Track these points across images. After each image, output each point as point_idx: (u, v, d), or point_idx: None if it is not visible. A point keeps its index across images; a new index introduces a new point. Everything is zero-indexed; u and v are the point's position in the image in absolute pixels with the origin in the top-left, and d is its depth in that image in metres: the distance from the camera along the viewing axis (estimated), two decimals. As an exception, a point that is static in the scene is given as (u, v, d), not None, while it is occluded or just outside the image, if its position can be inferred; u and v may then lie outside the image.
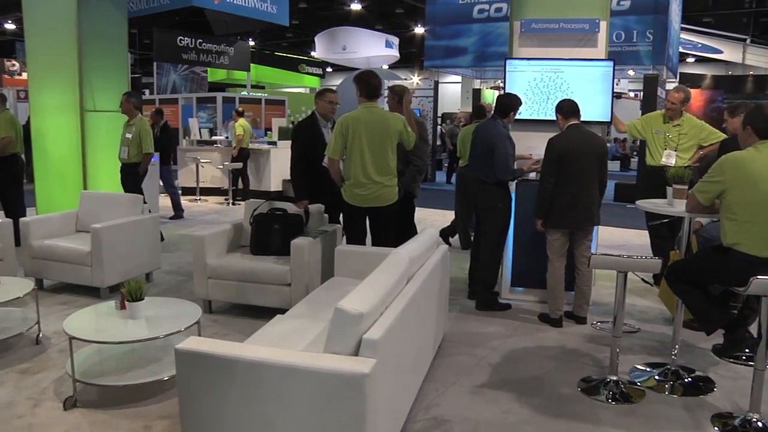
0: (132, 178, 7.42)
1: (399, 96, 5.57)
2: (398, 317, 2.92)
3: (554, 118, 5.18)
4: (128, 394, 3.75)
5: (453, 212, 8.23)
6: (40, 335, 4.67)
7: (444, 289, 4.46)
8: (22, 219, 6.06)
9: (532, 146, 5.62)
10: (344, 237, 5.46)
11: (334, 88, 6.14)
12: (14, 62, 21.16)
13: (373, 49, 21.45)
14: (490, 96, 19.84)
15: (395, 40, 22.22)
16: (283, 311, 4.11)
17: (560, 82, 5.60)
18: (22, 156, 7.28)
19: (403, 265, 3.37)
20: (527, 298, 5.71)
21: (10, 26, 22.55)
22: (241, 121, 12.11)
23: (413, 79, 21.55)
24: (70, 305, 5.46)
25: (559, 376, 4.13)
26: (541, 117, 5.67)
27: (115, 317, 3.90)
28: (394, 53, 22.20)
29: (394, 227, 5.23)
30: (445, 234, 7.87)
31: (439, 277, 4.15)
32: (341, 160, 5.06)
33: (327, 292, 4.27)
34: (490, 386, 3.97)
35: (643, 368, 4.23)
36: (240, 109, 12.94)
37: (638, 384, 3.99)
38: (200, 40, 14.90)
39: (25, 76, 18.07)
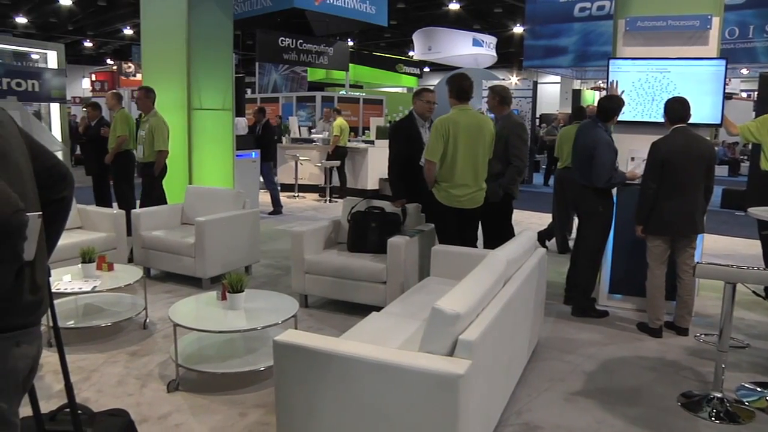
0: (147, 179, 7.03)
1: (500, 96, 5.53)
2: (494, 319, 2.89)
3: (659, 120, 4.98)
4: (226, 382, 3.89)
5: (550, 215, 8.08)
6: (147, 321, 4.93)
7: (540, 293, 4.39)
8: (133, 211, 6.41)
9: (634, 149, 5.44)
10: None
11: (431, 87, 6.14)
12: (130, 64, 22.41)
13: (457, 48, 21.27)
14: (590, 97, 19.32)
15: (486, 39, 21.92)
16: (377, 308, 4.15)
17: (666, 82, 5.37)
18: (134, 151, 7.65)
19: (500, 267, 3.33)
20: (625, 306, 5.53)
21: (128, 32, 23.86)
22: (339, 120, 12.31)
23: (512, 80, 21.25)
24: (174, 294, 5.72)
25: (658, 389, 3.97)
26: (645, 119, 5.47)
27: (216, 307, 4.06)
28: (485, 52, 21.87)
29: (489, 226, 5.20)
30: (542, 237, 7.74)
31: (535, 281, 4.08)
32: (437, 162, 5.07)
33: (422, 292, 4.28)
34: (583, 394, 3.87)
35: (752, 387, 3.97)
36: (337, 107, 13.14)
37: (746, 404, 3.76)
38: (301, 41, 15.21)
39: (139, 77, 19.05)
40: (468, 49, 21.39)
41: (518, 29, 21.85)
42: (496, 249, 3.70)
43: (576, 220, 5.82)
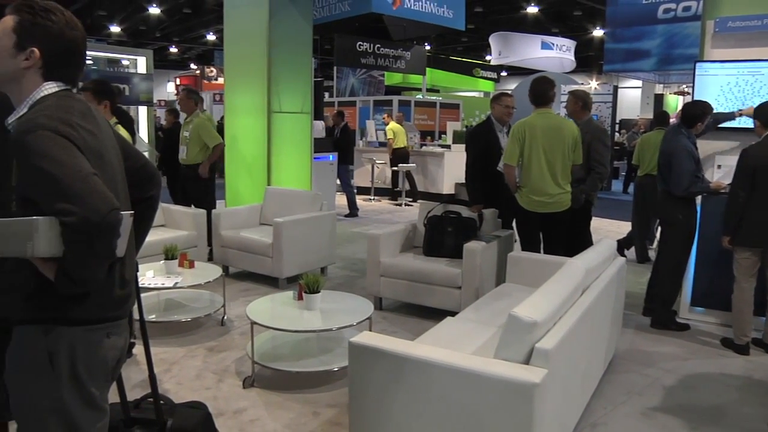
0: (195, 183, 6.97)
1: (583, 101, 5.43)
2: (571, 329, 2.83)
3: (749, 126, 4.77)
4: (300, 380, 3.95)
5: (629, 223, 7.86)
6: (225, 317, 5.06)
7: (618, 303, 4.27)
8: (214, 210, 6.59)
9: (721, 157, 5.22)
10: (516, 243, 5.39)
11: (509, 92, 6.07)
12: (212, 69, 23.11)
13: (526, 52, 20.88)
14: (673, 102, 18.67)
15: (555, 41, 21.41)
16: (451, 313, 4.14)
17: (759, 85, 5.13)
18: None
19: (579, 276, 3.26)
20: (708, 320, 5.31)
21: (211, 37, 24.63)
22: (392, 124, 12.38)
23: (591, 84, 20.76)
24: (251, 292, 5.85)
25: (744, 409, 3.78)
26: (734, 125, 5.24)
27: (293, 307, 4.14)
28: (554, 55, 21.36)
29: (565, 233, 5.09)
30: (621, 245, 7.53)
31: (614, 290, 3.98)
32: (517, 166, 5.02)
33: (498, 298, 4.24)
34: (662, 410, 3.73)
35: None
36: (398, 113, 13.21)
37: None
38: (378, 45, 15.32)
39: (221, 80, 19.62)
40: (537, 52, 20.99)
41: (598, 32, 21.33)
42: (574, 257, 3.63)
43: (659, 230, 5.64)
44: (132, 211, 1.80)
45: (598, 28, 21.09)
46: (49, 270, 1.66)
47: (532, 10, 19.46)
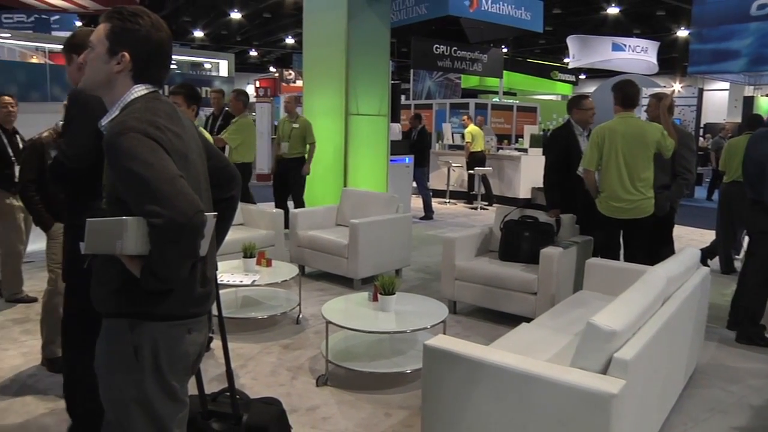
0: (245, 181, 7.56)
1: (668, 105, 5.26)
2: (652, 339, 2.73)
3: None
4: (373, 381, 3.97)
5: (713, 232, 7.55)
6: (300, 316, 5.14)
7: (701, 315, 4.10)
8: (291, 210, 6.72)
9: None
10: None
11: (587, 94, 5.93)
12: (291, 71, 23.54)
13: (597, 54, 20.31)
14: (765, 104, 17.84)
15: (630, 43, 20.66)
16: (526, 319, 4.08)
17: None
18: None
19: (660, 285, 3.15)
20: (802, 336, 5.03)
21: (289, 41, 25.12)
22: (470, 126, 12.27)
23: (674, 87, 20.07)
24: (326, 292, 5.91)
25: (843, 434, 3.57)
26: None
27: (368, 308, 4.16)
28: (627, 56, 20.65)
29: (647, 241, 4.94)
30: (705, 255, 7.24)
31: (697, 302, 3.82)
32: (597, 171, 4.90)
33: (574, 305, 4.15)
34: (748, 431, 3.56)
35: None
36: (468, 115, 13.11)
37: None
38: (455, 48, 15.28)
39: (299, 83, 19.96)
40: (607, 54, 20.40)
41: (682, 33, 20.60)
42: (655, 265, 3.51)
43: (746, 239, 5.39)
44: (215, 213, 1.86)
45: (682, 28, 20.38)
46: (135, 267, 1.72)
47: (613, 11, 18.96)
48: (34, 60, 10.09)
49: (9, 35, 10.04)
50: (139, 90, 1.86)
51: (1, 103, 5.25)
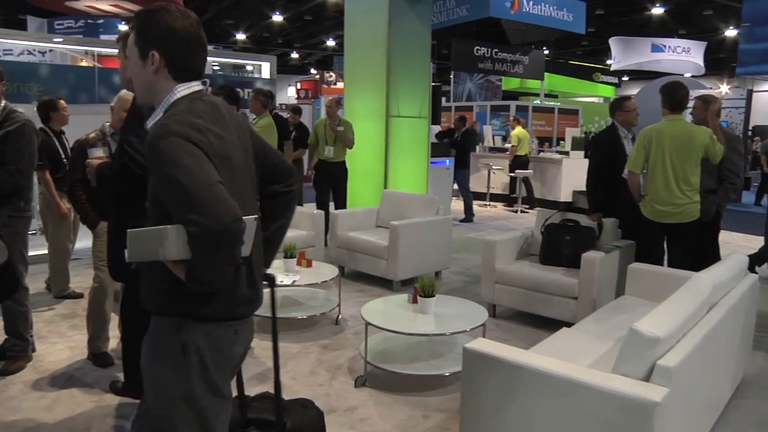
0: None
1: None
2: (696, 347, 2.68)
3: None
4: (411, 383, 3.97)
5: (761, 238, 7.36)
6: (340, 317, 5.17)
7: (749, 323, 4.00)
8: (332, 211, 6.76)
9: None
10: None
11: (629, 95, 5.82)
12: (332, 73, 23.71)
13: (636, 56, 19.87)
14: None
15: (671, 43, 20.13)
16: (567, 324, 4.03)
17: None
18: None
19: (705, 292, 3.09)
20: None
21: (330, 43, 25.27)
22: (518, 129, 12.16)
23: (721, 88, 19.62)
24: (365, 293, 5.94)
25: None
26: None
27: (407, 310, 4.17)
28: (668, 57, 20.14)
29: (692, 246, 4.84)
30: (752, 261, 7.06)
31: (744, 309, 3.73)
32: (642, 174, 4.83)
33: (616, 311, 4.09)
34: (800, 443, 3.45)
35: None
36: (516, 117, 12.98)
37: None
38: (496, 50, 15.18)
39: (340, 85, 20.10)
40: (646, 55, 19.96)
41: (731, 32, 20.10)
42: (700, 271, 3.44)
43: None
44: (257, 215, 1.87)
45: (730, 27, 19.88)
46: (180, 271, 1.75)
47: (657, 11, 18.59)
48: (84, 63, 10.35)
49: (61, 40, 10.31)
50: (181, 90, 1.87)
51: (62, 108, 5.42)
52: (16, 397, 3.78)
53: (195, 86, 1.90)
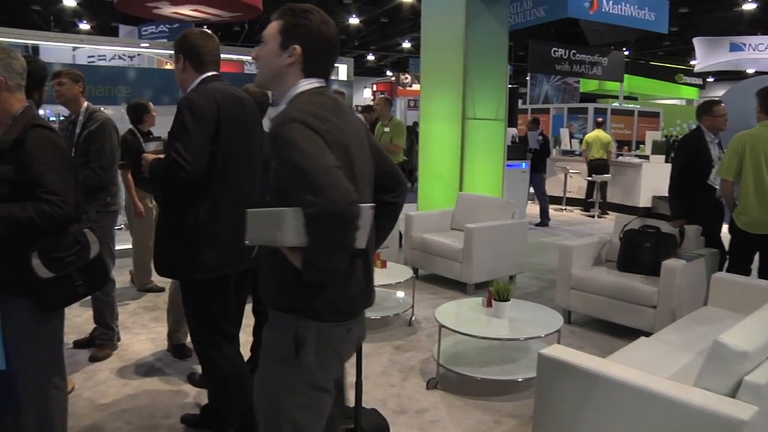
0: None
1: None
2: (788, 364, 2.57)
3: None
4: (483, 387, 3.95)
5: None
6: (413, 318, 5.20)
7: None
8: (407, 213, 6.79)
9: None
10: (726, 263, 5.00)
11: (719, 99, 5.59)
12: (407, 75, 23.81)
13: (715, 56, 18.95)
14: None
15: (752, 41, 19.05)
16: (645, 333, 3.95)
17: None
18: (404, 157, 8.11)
19: (798, 305, 2.96)
20: None
21: (406, 45, 25.36)
22: (593, 133, 11.85)
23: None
24: (439, 296, 5.95)
25: None
26: None
27: (481, 313, 4.16)
28: (753, 56, 19.06)
29: None
30: None
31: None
32: (735, 182, 4.65)
33: (698, 321, 3.96)
34: None
35: None
36: (599, 120, 12.66)
37: None
38: (574, 51, 14.88)
39: (415, 87, 20.14)
40: (725, 55, 19.01)
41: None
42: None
43: None
44: (373, 204, 1.90)
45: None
46: (296, 259, 1.79)
47: (749, 6, 17.72)
48: (168, 66, 10.74)
49: (147, 45, 10.74)
50: (305, 84, 1.96)
51: (152, 110, 5.68)
52: (103, 383, 4.02)
53: (317, 83, 1.99)
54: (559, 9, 11.27)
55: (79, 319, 5.06)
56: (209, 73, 2.91)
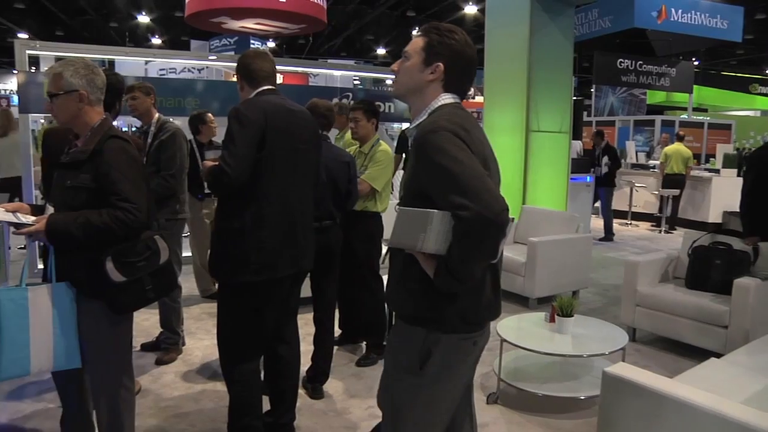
0: None
1: None
2: None
3: None
4: (543, 404, 3.89)
5: None
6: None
7: None
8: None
9: None
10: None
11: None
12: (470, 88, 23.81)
13: None
14: None
15: None
16: (714, 354, 3.83)
17: None
18: None
19: None
20: None
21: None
22: (673, 146, 11.49)
23: None
24: (502, 309, 5.86)
25: None
26: None
27: (544, 328, 4.11)
28: None
29: None
30: None
31: None
32: None
33: (773, 343, 3.80)
34: None
35: None
36: (681, 133, 12.25)
37: None
38: (640, 62, 14.59)
39: (478, 99, 20.08)
40: None
41: None
42: None
43: None
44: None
45: None
46: (430, 266, 1.83)
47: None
48: (234, 78, 11.05)
49: (214, 57, 11.05)
50: (446, 98, 2.02)
51: (209, 121, 5.84)
52: (168, 385, 4.14)
53: (454, 98, 2.04)
54: (625, 19, 11.08)
55: (146, 323, 5.22)
56: (264, 88, 3.07)
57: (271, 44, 18.81)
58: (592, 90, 21.21)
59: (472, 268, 1.79)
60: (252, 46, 15.68)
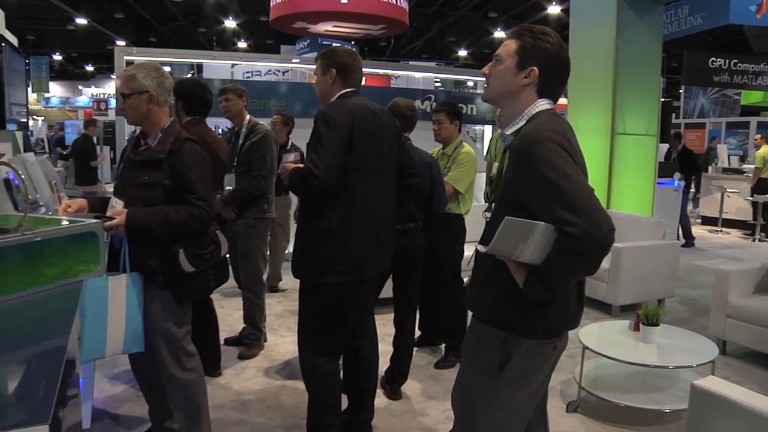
0: None
1: None
2: None
3: None
4: (626, 415, 3.78)
5: None
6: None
7: None
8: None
9: None
10: None
11: None
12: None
13: None
14: None
15: None
16: (813, 370, 3.61)
17: None
18: None
19: None
20: None
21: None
22: (764, 149, 10.92)
23: None
24: (583, 316, 5.67)
25: None
26: None
27: (627, 337, 4.00)
28: None
29: None
30: None
31: None
32: None
33: None
34: None
35: None
36: (765, 135, 11.67)
37: None
38: (735, 61, 13.94)
39: (562, 101, 19.70)
40: None
41: None
42: None
43: None
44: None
45: None
46: (520, 275, 1.82)
47: None
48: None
49: (297, 60, 11.26)
50: (543, 104, 1.99)
51: (271, 122, 5.99)
52: (250, 380, 4.26)
53: (550, 104, 2.01)
54: (719, 16, 10.60)
55: (230, 318, 5.38)
56: (349, 89, 3.09)
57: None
58: (680, 91, 20.43)
59: (567, 282, 1.78)
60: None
